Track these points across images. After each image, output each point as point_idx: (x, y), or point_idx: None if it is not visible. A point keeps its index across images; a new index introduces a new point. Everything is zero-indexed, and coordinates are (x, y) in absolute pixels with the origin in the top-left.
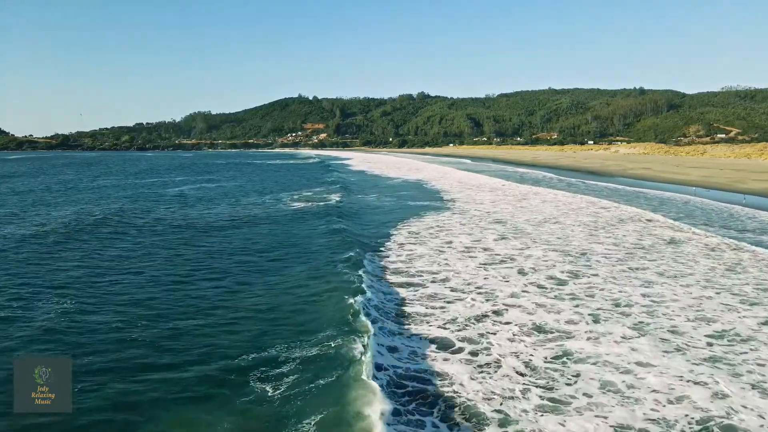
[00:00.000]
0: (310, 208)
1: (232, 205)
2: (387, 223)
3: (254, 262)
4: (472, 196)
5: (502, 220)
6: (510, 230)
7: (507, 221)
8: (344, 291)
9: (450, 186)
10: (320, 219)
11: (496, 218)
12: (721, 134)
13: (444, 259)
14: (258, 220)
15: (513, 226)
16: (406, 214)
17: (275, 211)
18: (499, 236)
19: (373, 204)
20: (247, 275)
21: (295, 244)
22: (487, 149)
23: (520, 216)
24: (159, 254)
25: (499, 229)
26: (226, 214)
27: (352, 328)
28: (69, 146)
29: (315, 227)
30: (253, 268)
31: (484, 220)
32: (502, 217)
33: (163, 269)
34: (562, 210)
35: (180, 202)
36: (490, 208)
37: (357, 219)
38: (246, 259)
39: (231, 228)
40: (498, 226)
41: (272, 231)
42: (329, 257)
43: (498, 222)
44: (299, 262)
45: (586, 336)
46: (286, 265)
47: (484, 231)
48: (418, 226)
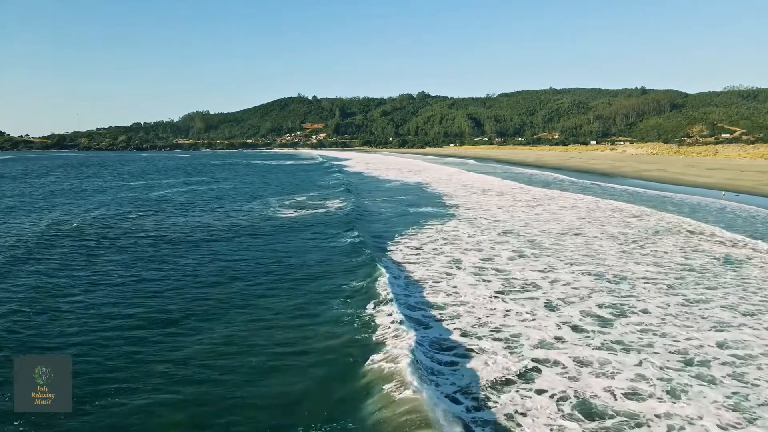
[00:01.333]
0: (297, 218)
1: (215, 213)
2: (383, 234)
3: (218, 297)
4: (479, 202)
5: (516, 230)
6: (526, 244)
7: (521, 232)
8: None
9: (454, 189)
10: (305, 230)
11: (509, 228)
12: (726, 134)
13: (451, 287)
14: (238, 233)
15: (529, 238)
16: (405, 224)
17: (260, 220)
18: (515, 253)
19: (370, 211)
20: (204, 319)
21: (273, 267)
22: (489, 149)
23: (536, 225)
24: (108, 282)
25: (514, 243)
26: (205, 224)
27: None
28: (65, 146)
29: (302, 242)
30: (216, 306)
31: (494, 231)
32: (515, 226)
33: (105, 308)
34: (583, 218)
35: (159, 208)
36: (501, 215)
37: (337, 229)
38: (207, 293)
39: (206, 242)
40: (512, 239)
41: (250, 248)
42: (316, 287)
43: (511, 233)
44: (274, 290)
45: (665, 425)
46: (259, 292)
47: (496, 246)
48: (419, 238)
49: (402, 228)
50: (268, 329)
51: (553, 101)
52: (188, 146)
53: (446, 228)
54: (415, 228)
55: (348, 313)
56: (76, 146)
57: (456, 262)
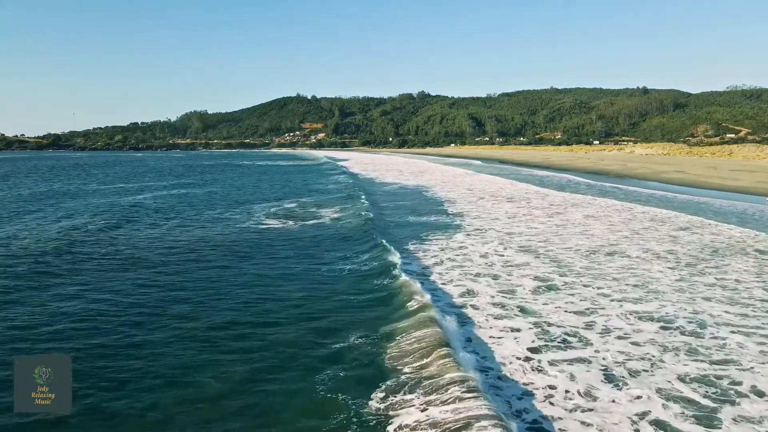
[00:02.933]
0: (281, 232)
1: (187, 222)
2: (353, 252)
3: (152, 339)
4: (488, 209)
5: (536, 247)
6: (552, 267)
7: (543, 249)
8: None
9: (459, 194)
10: (287, 248)
11: (526, 244)
12: (731, 134)
13: (466, 339)
14: (205, 250)
15: (554, 258)
16: (404, 237)
17: (237, 234)
18: (541, 282)
19: (347, 223)
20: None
21: (229, 305)
22: (491, 149)
23: (560, 240)
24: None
25: (536, 265)
26: (171, 238)
27: None
28: (60, 146)
29: (279, 267)
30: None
31: (510, 248)
32: (534, 241)
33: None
34: (617, 229)
35: (127, 218)
36: (515, 226)
37: (337, 251)
38: (133, 336)
39: (162, 262)
40: (532, 260)
41: (204, 277)
42: (292, 339)
43: (530, 251)
44: (226, 336)
45: None
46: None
47: (514, 271)
48: (421, 259)
49: (400, 244)
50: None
51: (554, 101)
52: (185, 146)
53: (452, 243)
54: (415, 243)
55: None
56: (71, 146)
57: (468, 295)
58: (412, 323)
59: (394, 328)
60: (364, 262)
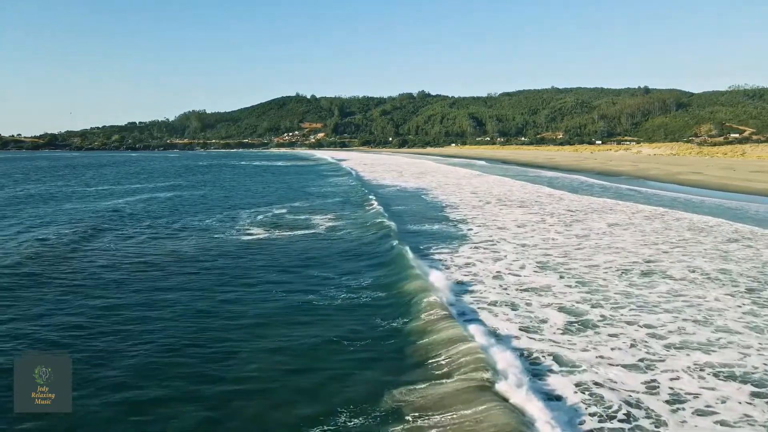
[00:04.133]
0: (265, 244)
1: (161, 232)
2: (349, 274)
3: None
4: (496, 215)
5: (557, 264)
6: (582, 293)
7: (565, 266)
8: None
9: (462, 197)
10: (269, 268)
11: (545, 260)
12: (735, 134)
13: (481, 412)
14: (166, 270)
15: (582, 280)
16: (384, 262)
17: (214, 245)
18: (572, 316)
19: (343, 235)
20: None
21: (182, 337)
22: (493, 149)
23: (583, 255)
24: None
25: (562, 291)
26: (136, 253)
27: None
28: (57, 146)
29: (249, 291)
30: None
31: (527, 266)
32: (554, 255)
33: None
34: (651, 241)
35: (99, 226)
36: (529, 236)
37: (323, 268)
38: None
39: (115, 285)
40: (555, 281)
41: (162, 302)
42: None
43: (551, 270)
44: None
45: None
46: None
47: (535, 299)
48: None
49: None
50: None
51: (555, 100)
52: (183, 146)
53: (457, 259)
54: (416, 259)
55: None
56: (67, 146)
57: (487, 336)
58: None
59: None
60: (366, 289)
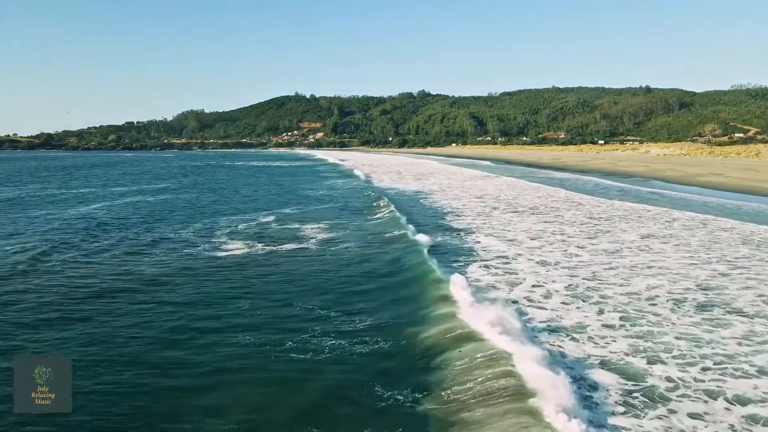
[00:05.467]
0: (242, 264)
1: (124, 245)
2: (349, 309)
3: None
4: (505, 223)
5: (588, 291)
6: (630, 338)
7: (600, 296)
8: None
9: (464, 203)
10: (233, 304)
11: (572, 283)
12: (739, 133)
13: None
14: (115, 297)
15: (626, 315)
16: (396, 286)
17: (180, 265)
18: (624, 379)
19: (338, 251)
20: None
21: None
22: (495, 149)
23: (618, 277)
24: None
25: (602, 333)
26: (87, 273)
27: None
28: (53, 146)
29: (214, 336)
30: None
31: (555, 294)
32: (582, 278)
33: None
34: (702, 258)
35: (60, 237)
36: (548, 251)
37: (307, 298)
38: None
39: (47, 322)
40: (593, 321)
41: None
42: None
43: (581, 299)
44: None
45: None
46: None
47: (568, 345)
48: (416, 334)
49: (387, 301)
50: None
51: (556, 100)
52: (180, 146)
53: (438, 297)
54: (416, 285)
55: None
56: (64, 146)
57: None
58: None
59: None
60: (364, 333)
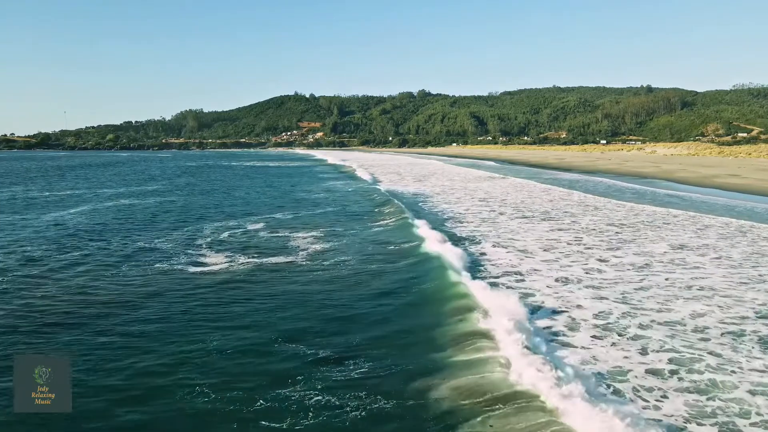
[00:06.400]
0: (215, 277)
1: (89, 258)
2: (343, 348)
3: None
4: (518, 230)
5: (623, 318)
6: (685, 390)
7: (639, 327)
8: None
9: (467, 208)
10: (201, 338)
11: (602, 311)
12: (743, 133)
13: None
14: (61, 335)
15: (673, 351)
16: (406, 314)
17: (142, 287)
18: None
19: (334, 267)
20: None
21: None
22: (497, 149)
23: (654, 301)
24: None
25: (651, 385)
26: (34, 295)
27: None
28: (50, 145)
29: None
30: None
31: (582, 325)
32: (611, 301)
33: None
34: (751, 276)
35: (22, 248)
36: (566, 263)
37: (293, 335)
38: None
39: None
40: (637, 363)
41: None
42: None
43: (618, 331)
44: None
45: None
46: None
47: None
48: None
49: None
50: None
51: (558, 99)
52: (178, 146)
53: (461, 334)
54: (433, 314)
55: None
56: (61, 145)
57: None
58: None
59: None
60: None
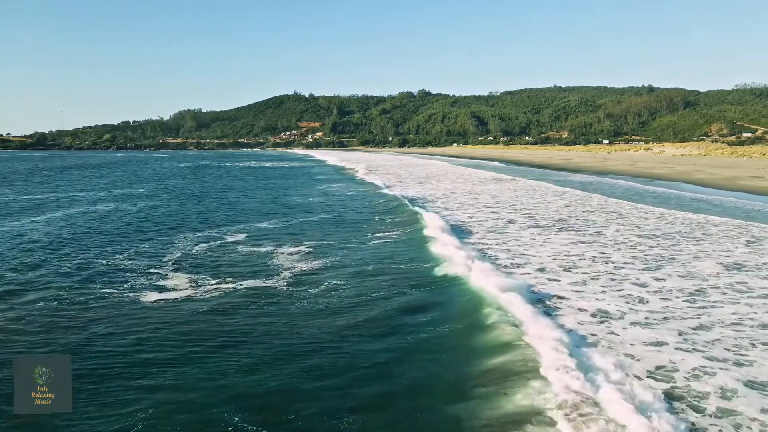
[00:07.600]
0: (175, 308)
1: (35, 279)
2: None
3: None
4: (528, 243)
5: (691, 382)
6: None
7: (734, 411)
8: None
9: (471, 215)
10: (131, 398)
11: (679, 377)
12: (747, 133)
13: None
14: None
15: None
16: (417, 367)
17: (78, 319)
18: None
19: (333, 286)
20: None
21: None
22: (498, 149)
23: (725, 344)
24: None
25: None
26: None
27: None
28: (45, 145)
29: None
30: None
31: (628, 376)
32: (673, 343)
33: None
34: None
35: None
36: (599, 288)
37: (248, 395)
38: None
39: None
40: None
41: None
42: None
43: (694, 406)
44: None
45: None
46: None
47: None
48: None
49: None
50: None
51: (559, 99)
52: (176, 145)
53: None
54: (453, 365)
55: None
56: (57, 145)
57: None
58: None
59: None
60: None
